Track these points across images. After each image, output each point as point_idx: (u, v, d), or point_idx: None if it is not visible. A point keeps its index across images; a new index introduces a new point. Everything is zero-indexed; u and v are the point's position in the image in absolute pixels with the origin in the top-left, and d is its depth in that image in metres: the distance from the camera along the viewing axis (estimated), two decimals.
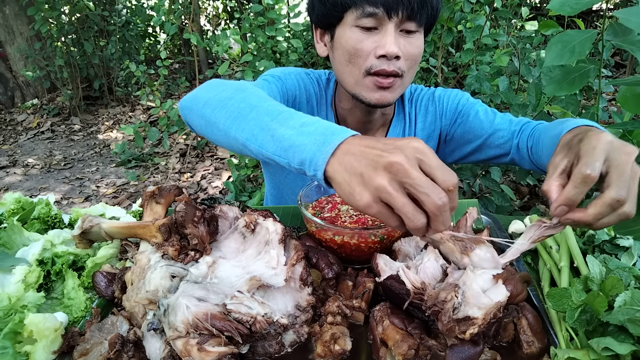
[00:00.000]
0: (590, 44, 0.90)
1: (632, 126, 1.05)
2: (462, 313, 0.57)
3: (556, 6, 0.89)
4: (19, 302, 0.68)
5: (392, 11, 0.91)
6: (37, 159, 4.27)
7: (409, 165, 0.52)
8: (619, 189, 0.56)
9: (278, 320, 0.60)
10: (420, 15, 0.94)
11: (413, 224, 0.53)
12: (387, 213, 0.54)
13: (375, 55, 0.95)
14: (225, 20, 5.90)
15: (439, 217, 0.52)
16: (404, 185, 0.52)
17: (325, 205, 0.93)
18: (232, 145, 0.74)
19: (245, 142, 0.69)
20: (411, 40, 0.96)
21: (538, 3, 5.32)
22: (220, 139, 0.76)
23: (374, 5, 0.91)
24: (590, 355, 0.56)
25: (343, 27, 0.97)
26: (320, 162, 0.57)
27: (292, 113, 0.67)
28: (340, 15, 0.97)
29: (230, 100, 0.75)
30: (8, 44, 5.07)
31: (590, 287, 0.62)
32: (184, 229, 0.69)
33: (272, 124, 0.65)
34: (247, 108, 0.71)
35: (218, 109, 0.75)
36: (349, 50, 0.97)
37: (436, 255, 0.68)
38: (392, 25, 0.93)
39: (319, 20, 1.03)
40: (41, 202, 0.94)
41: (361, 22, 0.94)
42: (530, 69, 2.14)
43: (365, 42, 0.95)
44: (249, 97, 0.74)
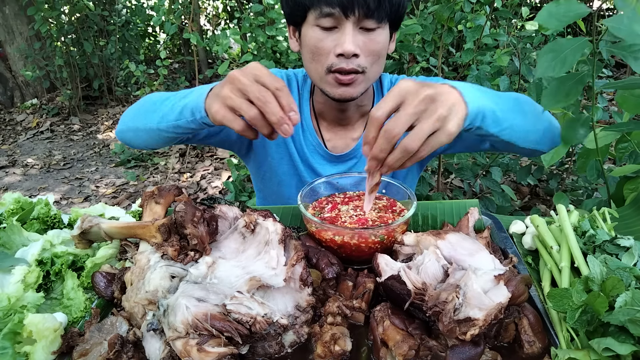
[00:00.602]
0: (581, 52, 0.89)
1: (632, 127, 1.05)
2: (463, 314, 0.57)
3: (544, 19, 0.88)
4: (18, 303, 0.68)
5: (348, 10, 0.93)
6: (37, 159, 4.26)
7: (243, 76, 0.73)
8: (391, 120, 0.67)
9: (278, 320, 0.60)
10: (378, 13, 0.95)
11: (247, 114, 0.72)
12: (231, 116, 0.75)
13: (334, 53, 0.98)
14: (225, 20, 5.90)
15: (265, 107, 0.72)
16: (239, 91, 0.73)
17: (325, 206, 0.92)
18: (153, 137, 1.01)
19: (158, 125, 0.96)
20: (372, 37, 0.98)
21: (538, 3, 5.32)
22: (145, 137, 1.03)
23: (330, 6, 0.93)
24: (590, 356, 0.56)
25: (306, 25, 1.01)
26: (200, 104, 0.84)
27: (184, 91, 0.95)
28: (304, 15, 1.00)
29: (140, 108, 1.05)
30: (8, 44, 5.07)
31: (591, 287, 0.62)
32: (184, 229, 0.69)
33: (170, 103, 0.94)
34: (152, 104, 1.01)
35: (134, 117, 1.05)
36: (312, 48, 1.01)
37: (437, 256, 0.68)
38: (349, 24, 0.95)
39: (288, 18, 1.08)
40: (40, 202, 0.94)
41: (320, 21, 0.97)
42: (531, 68, 2.14)
43: (325, 40, 0.98)
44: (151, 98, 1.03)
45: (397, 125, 0.67)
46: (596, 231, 0.75)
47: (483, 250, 0.69)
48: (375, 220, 0.86)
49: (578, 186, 2.39)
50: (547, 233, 0.80)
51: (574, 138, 1.02)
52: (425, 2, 2.23)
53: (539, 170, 2.40)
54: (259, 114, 0.72)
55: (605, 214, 0.83)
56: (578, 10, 0.87)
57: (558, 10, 0.87)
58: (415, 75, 2.45)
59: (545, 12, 0.88)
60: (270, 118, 0.71)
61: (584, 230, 0.77)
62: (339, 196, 0.97)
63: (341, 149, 1.21)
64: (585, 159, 1.23)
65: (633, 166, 1.08)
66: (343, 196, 0.97)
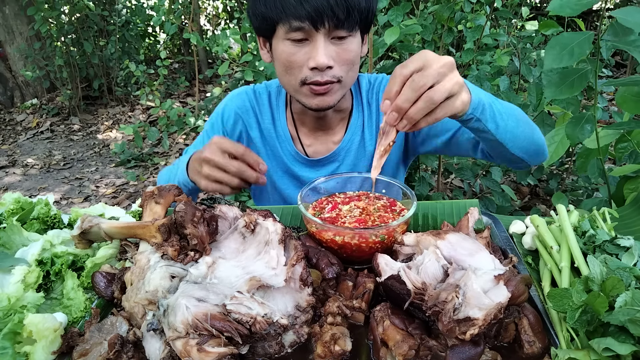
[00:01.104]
0: (588, 45, 0.89)
1: (632, 126, 1.05)
2: (463, 314, 0.57)
3: (556, 7, 0.89)
4: (18, 303, 0.68)
5: (318, 23, 0.92)
6: (37, 159, 4.26)
7: (212, 154, 0.92)
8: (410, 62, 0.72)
9: (278, 320, 0.60)
10: (348, 22, 0.94)
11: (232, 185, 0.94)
12: (218, 187, 0.95)
13: (307, 66, 0.97)
14: (225, 20, 5.90)
15: (242, 175, 0.93)
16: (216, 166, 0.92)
17: (325, 206, 0.92)
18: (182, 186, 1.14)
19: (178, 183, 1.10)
20: (344, 46, 0.98)
21: (538, 3, 5.32)
22: None
23: (300, 20, 0.92)
24: (590, 356, 0.56)
25: (277, 39, 1.00)
26: (187, 179, 1.05)
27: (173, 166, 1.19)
28: (272, 28, 0.99)
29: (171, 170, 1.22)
30: (8, 44, 5.07)
31: (591, 287, 0.62)
32: (184, 229, 0.69)
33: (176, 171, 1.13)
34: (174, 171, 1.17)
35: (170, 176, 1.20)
36: (284, 62, 1.00)
37: (437, 256, 0.68)
38: (320, 36, 0.94)
39: (257, 31, 1.06)
40: (40, 202, 0.94)
41: (290, 35, 0.96)
42: (531, 68, 2.14)
43: (297, 54, 0.97)
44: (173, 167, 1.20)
45: (425, 77, 0.71)
46: (596, 231, 0.75)
47: (483, 250, 0.69)
48: (375, 220, 0.86)
49: (578, 186, 2.39)
50: (547, 233, 0.80)
51: (579, 135, 1.02)
52: (425, 2, 2.23)
53: (539, 170, 2.40)
54: (240, 180, 0.93)
55: (605, 214, 0.83)
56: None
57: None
58: None
59: (557, 0, 0.89)
60: (249, 179, 0.93)
61: (584, 230, 0.77)
62: (339, 196, 0.97)
63: (322, 153, 1.21)
64: (585, 159, 1.23)
65: (633, 166, 1.09)
66: (343, 196, 0.97)
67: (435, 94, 0.72)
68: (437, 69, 0.72)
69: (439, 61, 0.73)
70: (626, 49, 0.91)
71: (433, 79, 0.72)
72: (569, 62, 0.89)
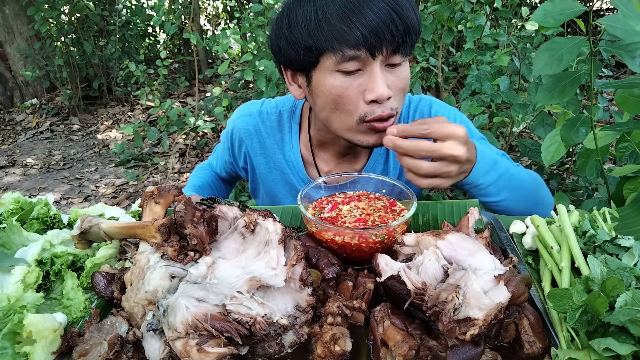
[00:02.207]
0: (578, 51, 0.89)
1: (632, 127, 1.05)
2: (463, 314, 0.57)
3: (539, 18, 0.87)
4: (18, 303, 0.68)
5: (376, 50, 0.81)
6: (36, 159, 4.26)
7: None
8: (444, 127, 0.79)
9: (278, 321, 0.60)
10: (405, 46, 0.85)
11: None
12: None
13: (365, 100, 0.86)
14: (225, 20, 5.90)
15: None
16: None
17: (325, 206, 0.92)
18: None
19: None
20: (398, 74, 0.88)
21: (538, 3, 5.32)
22: None
23: (355, 48, 0.81)
24: (591, 356, 0.56)
25: (321, 71, 0.87)
26: None
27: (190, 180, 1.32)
28: (316, 60, 0.86)
29: None
30: (8, 44, 5.07)
31: (591, 287, 0.62)
32: (184, 229, 0.69)
33: None
34: None
35: None
36: (334, 98, 0.87)
37: (437, 256, 0.68)
38: (377, 65, 0.84)
39: (289, 65, 0.92)
40: (40, 202, 0.94)
41: (342, 66, 0.83)
42: (531, 68, 2.13)
43: (351, 87, 0.85)
44: None
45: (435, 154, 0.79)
46: (596, 231, 0.75)
47: (483, 250, 0.69)
48: (375, 220, 0.85)
49: (578, 186, 2.38)
50: (548, 233, 0.79)
51: (574, 138, 1.02)
52: (425, 2, 2.23)
53: (539, 170, 2.39)
54: None
55: (606, 214, 0.83)
56: (574, 8, 0.87)
57: (554, 8, 0.88)
58: (415, 75, 2.45)
59: (541, 10, 0.88)
60: None
61: (584, 231, 0.77)
62: (339, 196, 0.97)
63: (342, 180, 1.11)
64: (585, 159, 1.23)
65: (633, 166, 1.08)
66: (343, 196, 0.97)
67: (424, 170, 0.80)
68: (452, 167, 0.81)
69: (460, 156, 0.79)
70: (618, 54, 0.90)
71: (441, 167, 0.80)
72: (558, 69, 0.88)
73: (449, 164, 0.81)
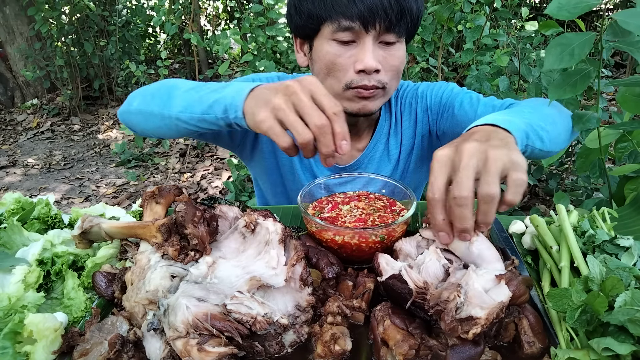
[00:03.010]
0: (589, 46, 0.89)
1: (632, 126, 1.05)
2: (465, 313, 0.57)
3: (554, 10, 0.88)
4: (18, 302, 0.68)
5: (369, 24, 0.89)
6: (37, 159, 4.27)
7: (301, 90, 0.66)
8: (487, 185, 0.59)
9: (278, 320, 0.60)
10: (399, 27, 0.91)
11: (302, 137, 0.64)
12: (279, 129, 0.67)
13: (354, 69, 0.93)
14: (225, 20, 5.90)
15: (321, 137, 0.65)
16: (295, 106, 0.65)
17: (325, 205, 0.93)
18: (168, 125, 0.87)
19: (179, 115, 0.83)
20: (391, 52, 0.95)
21: (538, 3, 5.32)
22: (158, 124, 0.89)
23: (350, 19, 0.88)
24: (590, 356, 0.56)
25: (320, 39, 0.95)
26: (238, 103, 0.73)
27: (216, 84, 0.82)
28: (317, 28, 0.94)
29: (159, 90, 0.90)
30: (8, 44, 5.07)
31: (591, 287, 0.62)
32: (184, 229, 0.69)
33: (199, 93, 0.81)
34: (175, 90, 0.86)
35: (150, 99, 0.90)
36: (327, 64, 0.95)
37: (438, 255, 0.68)
38: (369, 39, 0.91)
39: (297, 31, 1.02)
40: (41, 202, 0.94)
41: (338, 35, 0.91)
42: (530, 69, 2.14)
43: (343, 56, 0.93)
44: (175, 84, 0.89)
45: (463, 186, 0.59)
46: (596, 231, 0.75)
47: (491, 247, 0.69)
48: (375, 220, 0.86)
49: (578, 186, 2.39)
50: (547, 233, 0.80)
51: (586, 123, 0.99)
52: (425, 2, 2.23)
53: (539, 170, 2.40)
54: (312, 140, 0.65)
55: (605, 214, 0.83)
56: (589, 2, 0.87)
57: (569, 1, 0.88)
58: (415, 75, 2.45)
59: (555, 3, 0.88)
60: (321, 149, 0.66)
61: (584, 230, 0.77)
62: (339, 196, 0.97)
63: (346, 159, 1.19)
64: (585, 159, 1.23)
65: (633, 166, 1.09)
66: (343, 196, 0.97)
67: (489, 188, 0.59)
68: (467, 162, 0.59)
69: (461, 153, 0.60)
70: (627, 50, 0.91)
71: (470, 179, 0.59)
72: (570, 63, 0.89)
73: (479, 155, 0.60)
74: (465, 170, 0.59)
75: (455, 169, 0.60)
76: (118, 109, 1.04)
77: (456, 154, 0.61)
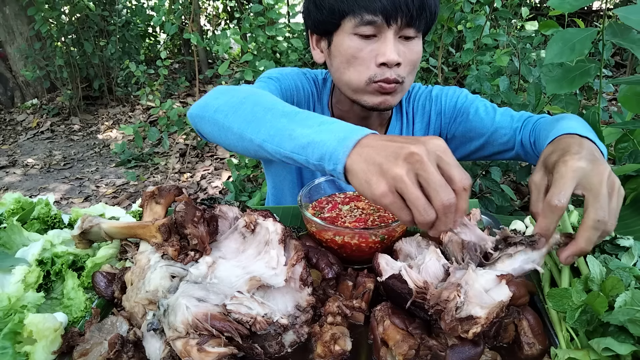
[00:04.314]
0: (590, 42, 0.90)
1: (633, 125, 1.05)
2: (465, 312, 0.57)
3: (556, 3, 0.89)
4: (18, 302, 0.68)
5: (391, 19, 0.90)
6: (37, 159, 4.27)
7: (428, 158, 0.53)
8: (596, 210, 0.60)
9: (278, 320, 0.60)
10: (419, 22, 0.93)
11: (423, 218, 0.54)
12: (400, 204, 0.55)
13: (375, 63, 0.94)
14: (225, 20, 5.90)
15: (443, 216, 0.54)
16: (418, 178, 0.54)
17: (325, 206, 0.92)
18: (246, 148, 0.76)
19: (262, 144, 0.70)
20: (410, 46, 0.96)
21: (538, 3, 5.32)
22: (234, 142, 0.78)
23: (373, 13, 0.90)
24: (590, 356, 0.56)
25: (341, 34, 0.96)
26: (340, 156, 0.59)
27: (309, 114, 0.70)
28: (338, 23, 0.96)
29: (242, 104, 0.77)
30: (8, 44, 5.07)
31: (591, 287, 0.62)
32: (184, 229, 0.69)
33: (290, 124, 0.68)
34: (262, 111, 0.73)
35: (231, 113, 0.77)
36: (348, 58, 0.96)
37: (438, 255, 0.68)
38: (391, 33, 0.92)
39: (315, 27, 1.02)
40: (41, 202, 0.94)
41: (360, 29, 0.93)
42: (531, 69, 2.14)
43: (364, 49, 0.94)
44: (261, 100, 0.76)
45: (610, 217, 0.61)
46: None
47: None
48: (375, 220, 0.86)
49: None
50: None
51: None
52: None
53: None
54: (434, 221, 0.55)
55: None
56: None
57: None
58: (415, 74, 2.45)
59: None
60: (439, 227, 0.56)
61: None
62: (339, 196, 0.97)
63: None
64: None
65: (633, 166, 1.08)
66: (343, 196, 0.97)
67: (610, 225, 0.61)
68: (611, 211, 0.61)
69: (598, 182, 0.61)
70: (628, 46, 0.91)
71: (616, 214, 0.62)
72: (570, 58, 0.90)
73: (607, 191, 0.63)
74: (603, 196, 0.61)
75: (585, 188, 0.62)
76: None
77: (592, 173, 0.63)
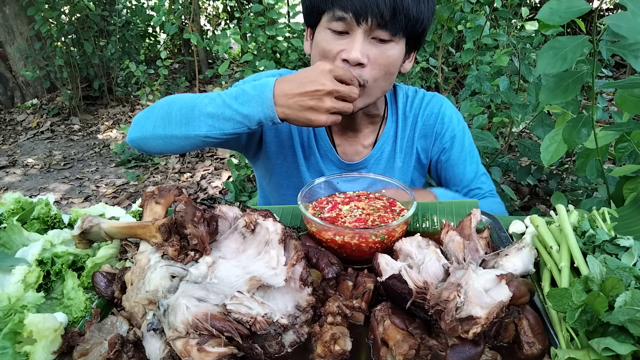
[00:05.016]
0: (581, 50, 0.89)
1: (631, 127, 1.05)
2: (465, 312, 0.57)
3: (545, 15, 0.88)
4: (18, 302, 0.68)
5: (361, 17, 0.91)
6: (37, 159, 4.26)
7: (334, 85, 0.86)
8: None
9: (278, 320, 0.60)
10: (392, 25, 0.93)
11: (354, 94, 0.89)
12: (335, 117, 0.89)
13: (340, 58, 0.96)
14: (225, 20, 5.89)
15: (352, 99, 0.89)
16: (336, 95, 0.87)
17: (325, 206, 0.92)
18: (196, 144, 0.96)
19: (207, 134, 0.92)
20: (383, 49, 0.96)
21: (538, 3, 5.32)
22: (182, 144, 0.96)
23: (343, 10, 0.92)
24: (590, 356, 0.56)
25: (319, 27, 1.00)
26: (272, 115, 0.89)
27: (222, 95, 0.92)
28: (319, 17, 0.99)
29: (170, 113, 0.96)
30: (8, 44, 5.07)
31: (591, 287, 0.62)
32: (184, 229, 0.69)
33: (219, 109, 0.91)
34: (189, 110, 0.94)
35: (167, 124, 0.95)
36: (320, 51, 0.99)
37: (438, 255, 0.68)
38: (360, 32, 0.93)
39: (305, 20, 1.08)
40: (41, 202, 0.94)
41: (332, 25, 0.95)
42: (531, 68, 2.14)
43: (333, 44, 0.96)
44: (182, 103, 0.95)
45: None
46: (596, 231, 0.75)
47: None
48: (375, 220, 0.86)
49: (578, 186, 2.39)
50: (547, 233, 0.79)
51: (576, 139, 1.01)
52: None
53: (539, 170, 2.40)
54: None
55: (605, 214, 0.83)
56: (580, 7, 0.87)
57: (560, 6, 0.88)
58: (415, 75, 2.45)
59: (546, 8, 0.88)
60: None
61: (584, 230, 0.77)
62: (339, 196, 0.97)
63: (351, 155, 1.20)
64: (585, 159, 1.23)
65: (633, 166, 1.08)
66: (343, 196, 0.97)
67: None
68: None
69: None
70: (621, 53, 0.90)
71: None
72: (562, 68, 0.88)
73: None
74: None
75: None
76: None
77: None
